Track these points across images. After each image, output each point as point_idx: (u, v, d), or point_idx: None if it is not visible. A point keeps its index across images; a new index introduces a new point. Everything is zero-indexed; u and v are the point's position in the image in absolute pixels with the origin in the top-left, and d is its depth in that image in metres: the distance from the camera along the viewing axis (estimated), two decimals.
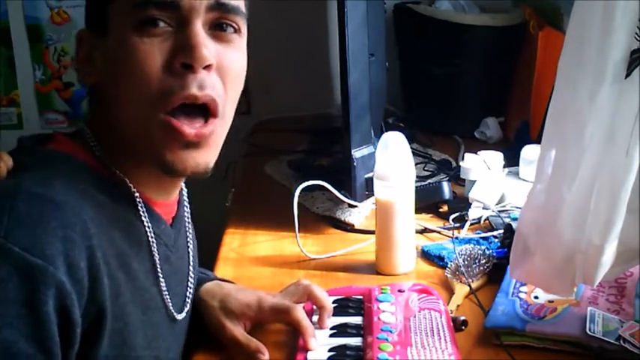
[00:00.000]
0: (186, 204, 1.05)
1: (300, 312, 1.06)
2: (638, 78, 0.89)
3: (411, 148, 1.31)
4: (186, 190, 1.06)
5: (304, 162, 1.81)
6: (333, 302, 1.15)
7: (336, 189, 1.43)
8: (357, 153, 1.46)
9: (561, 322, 1.04)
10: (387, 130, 1.34)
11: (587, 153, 0.92)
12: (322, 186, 1.42)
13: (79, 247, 0.80)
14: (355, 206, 1.50)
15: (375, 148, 1.30)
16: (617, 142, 0.91)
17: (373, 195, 1.32)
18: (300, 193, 1.37)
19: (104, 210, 0.87)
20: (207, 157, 0.91)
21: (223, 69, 0.90)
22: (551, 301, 1.09)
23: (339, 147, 1.58)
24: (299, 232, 1.38)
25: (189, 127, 0.88)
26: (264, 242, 1.45)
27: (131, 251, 0.91)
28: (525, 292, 1.13)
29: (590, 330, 1.00)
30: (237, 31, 0.92)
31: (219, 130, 0.91)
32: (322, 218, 1.54)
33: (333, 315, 1.12)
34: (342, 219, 1.52)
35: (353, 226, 1.50)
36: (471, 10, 2.04)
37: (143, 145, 0.89)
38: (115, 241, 0.88)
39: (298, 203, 1.38)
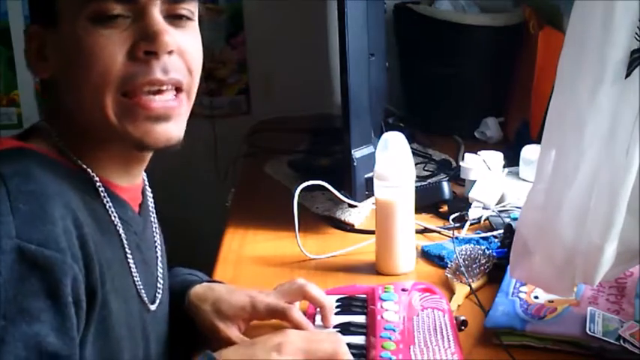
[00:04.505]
0: (149, 193, 1.06)
1: (296, 312, 1.06)
2: (638, 78, 0.89)
3: (411, 148, 1.31)
4: (145, 175, 1.06)
5: (304, 162, 1.81)
6: (337, 301, 1.15)
7: (336, 189, 1.43)
8: (357, 153, 1.46)
9: (561, 322, 1.04)
10: (387, 130, 1.34)
11: (587, 153, 0.92)
12: (322, 186, 1.42)
13: (74, 236, 0.83)
14: (355, 206, 1.50)
15: (375, 148, 1.30)
16: (617, 142, 0.90)
17: (373, 195, 1.32)
18: (300, 193, 1.37)
19: (80, 199, 0.88)
20: (178, 130, 0.93)
21: (184, 53, 0.92)
22: (551, 301, 1.09)
23: (339, 147, 1.58)
24: (299, 232, 1.37)
25: (158, 102, 0.89)
26: (264, 242, 1.45)
27: (103, 239, 0.91)
28: (525, 292, 1.13)
29: (590, 330, 1.00)
30: (190, 17, 0.93)
31: (186, 104, 0.94)
32: (322, 218, 1.53)
33: (337, 314, 1.12)
34: (342, 219, 1.51)
35: (353, 226, 1.50)
36: (471, 10, 2.04)
37: (107, 127, 0.89)
38: (92, 230, 0.89)
39: (298, 203, 1.38)
